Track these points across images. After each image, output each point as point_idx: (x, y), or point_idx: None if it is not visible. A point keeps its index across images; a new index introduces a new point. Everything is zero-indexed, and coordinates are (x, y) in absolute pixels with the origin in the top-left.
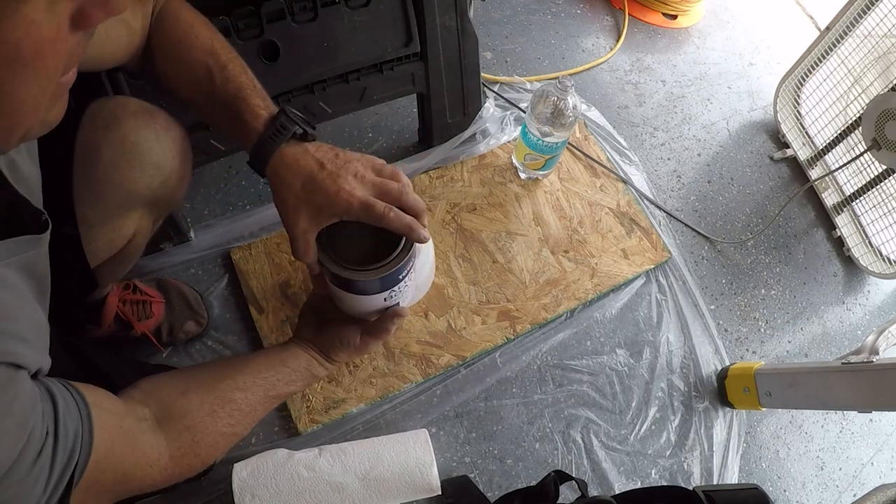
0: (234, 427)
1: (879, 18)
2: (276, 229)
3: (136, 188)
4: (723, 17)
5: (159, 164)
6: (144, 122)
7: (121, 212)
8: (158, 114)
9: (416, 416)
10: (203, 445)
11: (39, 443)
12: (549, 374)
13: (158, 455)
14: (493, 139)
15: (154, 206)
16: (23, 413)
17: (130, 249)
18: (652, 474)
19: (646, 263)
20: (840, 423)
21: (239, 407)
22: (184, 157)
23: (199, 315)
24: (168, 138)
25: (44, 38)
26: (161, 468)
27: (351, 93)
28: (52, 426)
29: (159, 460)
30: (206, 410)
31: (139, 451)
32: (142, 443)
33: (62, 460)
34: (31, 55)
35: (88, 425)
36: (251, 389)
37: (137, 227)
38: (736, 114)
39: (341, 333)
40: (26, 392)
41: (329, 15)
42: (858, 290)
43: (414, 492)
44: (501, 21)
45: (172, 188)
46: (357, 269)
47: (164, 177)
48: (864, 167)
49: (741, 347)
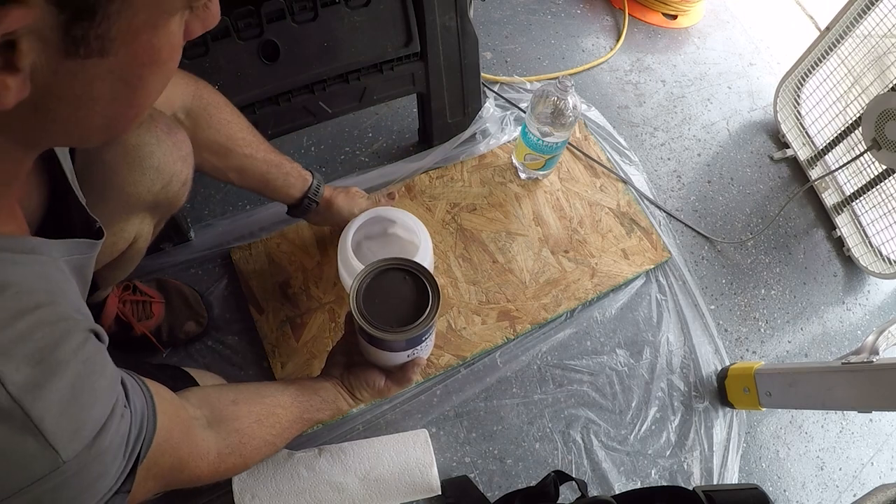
0: (274, 438)
1: (879, 18)
2: (276, 229)
3: (137, 192)
4: (723, 17)
5: (160, 167)
6: (145, 126)
7: (122, 216)
8: (160, 118)
9: (416, 416)
10: (248, 448)
11: (121, 407)
12: (549, 374)
13: (208, 449)
14: (493, 139)
15: (156, 210)
16: (113, 376)
17: (132, 253)
18: (652, 474)
19: (646, 263)
20: (840, 423)
21: (280, 421)
22: (185, 161)
23: (199, 315)
24: (169, 142)
25: (175, 45)
26: (209, 462)
27: (351, 93)
28: (126, 399)
29: (209, 454)
30: (254, 418)
31: (193, 441)
32: (195, 435)
33: (135, 433)
34: (167, 58)
35: (153, 406)
36: (290, 408)
37: (139, 231)
38: (736, 114)
39: (367, 376)
40: (111, 361)
41: (329, 15)
42: (858, 290)
43: (414, 492)
44: (501, 21)
45: (175, 192)
46: (387, 329)
47: (166, 181)
48: (864, 167)
49: (741, 347)
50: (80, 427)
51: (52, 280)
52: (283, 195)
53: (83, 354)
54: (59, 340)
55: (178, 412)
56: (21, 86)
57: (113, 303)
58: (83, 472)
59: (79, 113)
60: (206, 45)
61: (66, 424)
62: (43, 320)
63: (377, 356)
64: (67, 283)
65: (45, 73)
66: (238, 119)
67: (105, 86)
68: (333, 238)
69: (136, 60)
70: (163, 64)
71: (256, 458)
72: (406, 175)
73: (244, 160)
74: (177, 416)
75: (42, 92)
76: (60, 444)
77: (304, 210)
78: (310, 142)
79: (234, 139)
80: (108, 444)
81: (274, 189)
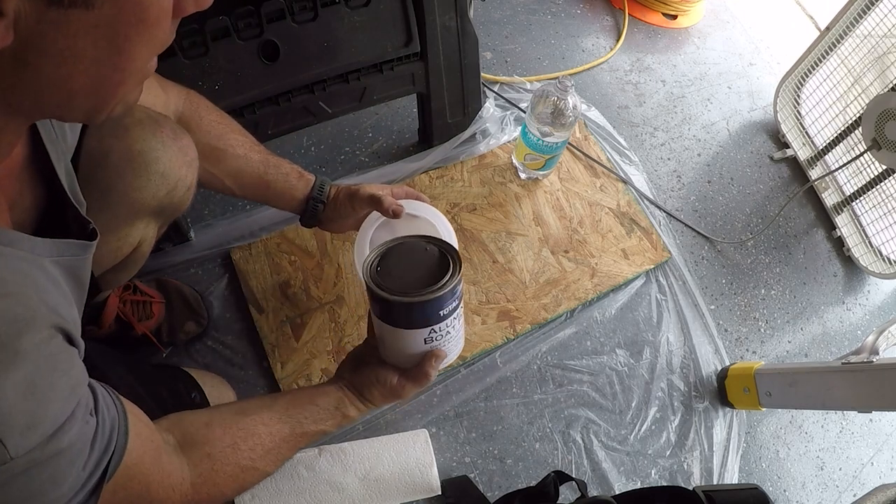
0: (255, 462)
1: (879, 18)
2: (276, 229)
3: (142, 197)
4: (723, 17)
5: (165, 172)
6: (151, 130)
7: (127, 221)
8: (165, 122)
9: (416, 416)
10: (222, 475)
11: (85, 413)
12: (549, 374)
13: (182, 479)
14: (493, 139)
15: (160, 215)
16: (78, 378)
17: (136, 257)
18: (652, 474)
19: (646, 263)
20: (840, 423)
21: (262, 441)
22: (190, 167)
23: (199, 315)
24: (175, 147)
25: (163, 8)
26: (182, 493)
27: (351, 93)
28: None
29: (182, 485)
30: (228, 441)
31: (165, 469)
32: (167, 462)
33: (100, 446)
34: (154, 20)
35: (125, 423)
36: (276, 426)
37: (143, 236)
38: (736, 114)
39: (378, 373)
40: (79, 364)
41: (329, 15)
42: (858, 290)
43: (414, 492)
44: (501, 21)
45: (179, 197)
46: (402, 293)
47: (171, 186)
48: (864, 167)
49: (741, 347)
50: (33, 423)
51: (27, 275)
52: (288, 199)
53: (46, 350)
54: (21, 331)
55: (152, 435)
56: (4, 32)
57: (113, 302)
58: (33, 472)
59: (61, 70)
60: (206, 46)
61: (19, 418)
62: (5, 310)
63: (393, 343)
64: (48, 282)
65: (29, 22)
66: (229, 121)
67: (89, 42)
68: (334, 238)
69: (121, 17)
70: (150, 27)
71: (235, 485)
72: (406, 175)
73: (238, 161)
74: (149, 440)
75: (25, 43)
76: (10, 438)
77: (311, 213)
78: (310, 142)
79: (225, 140)
80: (66, 448)
81: (276, 193)
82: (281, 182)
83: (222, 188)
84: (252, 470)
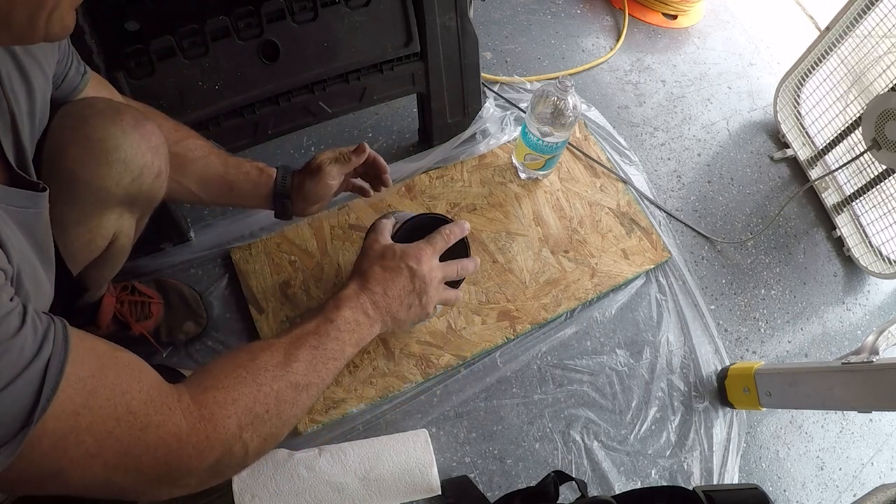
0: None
1: (879, 18)
2: (276, 229)
3: (105, 186)
4: (723, 17)
5: (127, 160)
6: (111, 119)
7: (95, 211)
8: (126, 111)
9: (416, 416)
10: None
11: (8, 300)
12: (549, 374)
13: (178, 395)
14: (493, 139)
15: (133, 205)
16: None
17: (115, 251)
18: (652, 474)
19: (646, 263)
20: (840, 423)
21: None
22: (156, 153)
23: (199, 315)
24: (136, 135)
25: None
26: (184, 409)
27: (351, 93)
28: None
29: (180, 400)
30: (230, 358)
31: (147, 383)
32: (151, 377)
33: (36, 339)
34: None
35: (63, 331)
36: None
37: (118, 228)
38: (736, 114)
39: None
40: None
41: (329, 15)
42: (858, 290)
43: (414, 492)
44: (501, 21)
45: (149, 185)
46: None
47: (135, 174)
48: (864, 167)
49: (741, 347)
50: None
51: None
52: (254, 198)
53: None
54: None
55: (116, 352)
56: None
57: (109, 303)
58: None
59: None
60: (206, 46)
61: None
62: None
63: None
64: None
65: None
66: (186, 129)
67: None
68: (334, 238)
69: None
70: None
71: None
72: (406, 175)
73: (198, 164)
74: (111, 356)
75: None
76: None
77: (280, 209)
78: (310, 142)
79: (184, 144)
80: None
81: (241, 194)
82: (243, 181)
83: (190, 197)
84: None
